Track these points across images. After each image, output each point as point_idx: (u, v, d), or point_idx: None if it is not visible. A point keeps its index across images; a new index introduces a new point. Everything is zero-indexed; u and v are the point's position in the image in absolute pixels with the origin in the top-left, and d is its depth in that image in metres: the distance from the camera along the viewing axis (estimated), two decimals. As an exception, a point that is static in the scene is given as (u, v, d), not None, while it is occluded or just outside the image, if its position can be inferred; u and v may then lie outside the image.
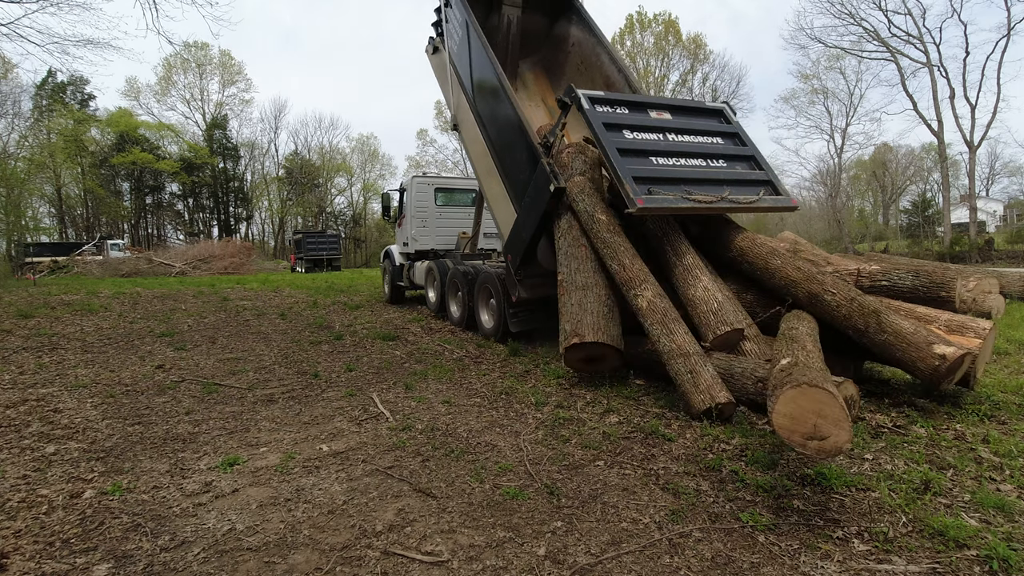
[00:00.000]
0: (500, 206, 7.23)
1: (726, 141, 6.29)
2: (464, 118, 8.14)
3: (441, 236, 10.82)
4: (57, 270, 24.12)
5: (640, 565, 2.38)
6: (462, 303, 8.45)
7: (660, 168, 5.59)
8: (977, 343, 4.34)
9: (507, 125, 6.81)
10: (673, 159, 5.76)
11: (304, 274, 27.97)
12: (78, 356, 6.86)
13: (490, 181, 7.46)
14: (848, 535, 2.57)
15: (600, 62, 8.31)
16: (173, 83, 46.36)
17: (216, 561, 2.46)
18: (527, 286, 6.64)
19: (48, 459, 3.66)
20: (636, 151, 5.61)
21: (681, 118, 6.26)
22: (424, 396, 5.05)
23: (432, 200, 10.93)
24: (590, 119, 5.61)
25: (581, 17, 8.59)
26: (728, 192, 5.57)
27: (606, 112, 5.80)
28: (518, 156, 6.59)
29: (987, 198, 47.18)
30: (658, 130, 5.97)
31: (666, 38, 39.54)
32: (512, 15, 8.57)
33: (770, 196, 5.85)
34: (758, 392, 4.17)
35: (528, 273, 6.65)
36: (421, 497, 3.06)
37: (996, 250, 23.72)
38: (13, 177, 26.66)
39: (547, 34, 9.11)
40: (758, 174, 6.05)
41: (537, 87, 9.19)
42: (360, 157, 54.67)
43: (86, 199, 42.96)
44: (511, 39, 8.74)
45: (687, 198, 5.32)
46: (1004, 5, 23.30)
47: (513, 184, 6.80)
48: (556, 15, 8.96)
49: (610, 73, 8.13)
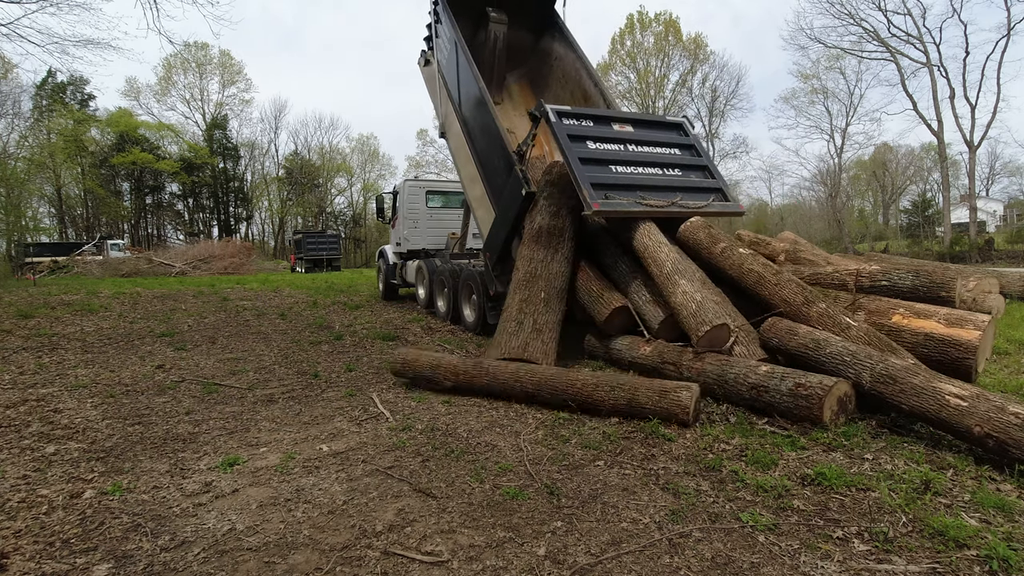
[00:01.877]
0: (481, 208, 7.76)
1: (683, 152, 6.81)
2: (451, 127, 8.74)
3: (432, 237, 11.39)
4: (57, 270, 24.11)
5: (640, 565, 2.38)
6: (448, 299, 9.02)
7: (618, 176, 6.10)
8: (976, 335, 4.37)
9: (488, 135, 7.31)
10: (631, 168, 6.26)
11: (304, 274, 27.98)
12: (78, 356, 6.86)
13: (473, 185, 8.01)
14: (848, 535, 2.57)
15: (579, 76, 8.86)
16: (173, 83, 46.40)
17: (216, 561, 2.46)
18: (503, 282, 7.07)
19: (48, 459, 3.66)
20: (597, 160, 6.09)
21: (642, 130, 6.79)
22: (424, 396, 5.05)
23: (423, 202, 11.58)
24: (555, 131, 6.08)
25: (563, 34, 9.15)
26: (680, 198, 6.14)
27: (572, 124, 6.28)
28: (497, 163, 7.10)
29: (987, 198, 47.18)
30: (619, 141, 6.47)
31: (666, 38, 39.55)
32: (498, 31, 9.12)
33: (719, 202, 6.39)
34: (753, 398, 4.22)
35: (504, 269, 7.13)
36: (421, 497, 3.06)
37: (996, 250, 23.71)
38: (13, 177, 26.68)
39: (532, 48, 9.69)
40: (710, 182, 6.58)
41: (522, 98, 9.78)
42: (360, 157, 54.73)
43: (86, 199, 42.97)
44: (497, 53, 9.30)
45: (640, 203, 5.86)
46: (1004, 5, 23.34)
47: (492, 188, 7.31)
48: (540, 31, 9.55)
49: (588, 87, 8.69)
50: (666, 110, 40.72)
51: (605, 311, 5.67)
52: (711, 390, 4.56)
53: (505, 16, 9.10)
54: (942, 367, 4.30)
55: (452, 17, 8.19)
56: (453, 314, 8.87)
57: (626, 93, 41.16)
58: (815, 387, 3.88)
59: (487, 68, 9.20)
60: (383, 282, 12.85)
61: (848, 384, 3.98)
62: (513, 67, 9.79)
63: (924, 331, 4.59)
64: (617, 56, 41.03)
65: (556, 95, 9.19)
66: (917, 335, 4.61)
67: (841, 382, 3.93)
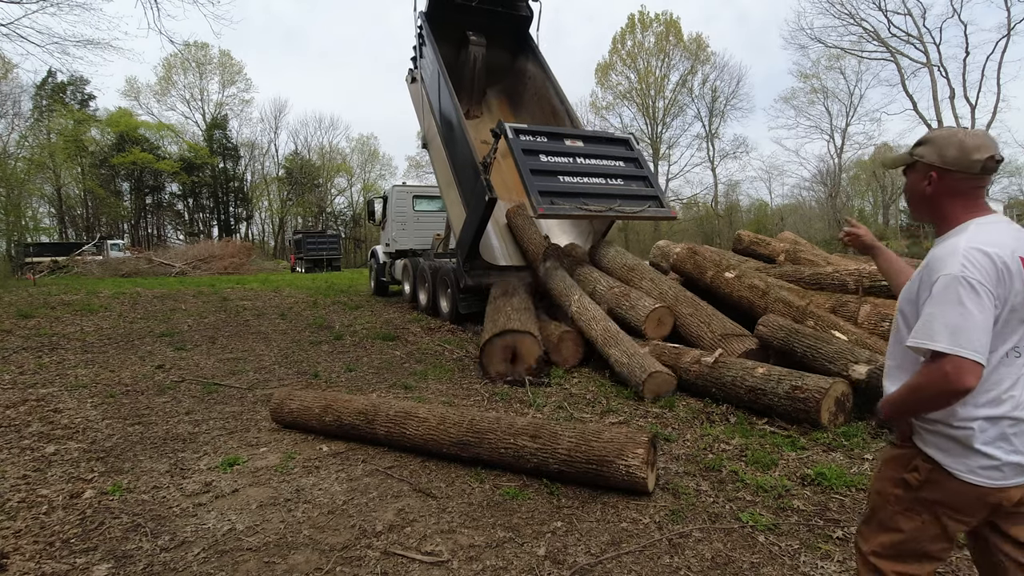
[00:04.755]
0: (455, 211, 8.68)
1: (627, 164, 7.57)
2: (432, 139, 9.81)
3: (418, 237, 12.26)
4: (57, 270, 24.06)
5: (640, 565, 2.38)
6: (428, 293, 10.00)
7: (564, 184, 6.83)
8: None
9: (461, 148, 8.24)
10: (577, 177, 7.00)
11: (304, 274, 27.99)
12: (78, 356, 6.86)
13: (449, 191, 8.95)
14: (848, 535, 2.57)
15: (549, 95, 9.89)
16: (173, 83, 46.31)
17: (216, 561, 2.46)
18: (472, 276, 8.06)
19: (48, 459, 3.66)
20: (547, 171, 6.84)
21: (591, 145, 7.58)
22: (424, 396, 5.05)
23: (411, 206, 12.51)
24: (511, 146, 6.87)
25: (535, 56, 10.20)
26: (619, 204, 6.91)
27: (527, 140, 7.07)
28: (468, 172, 7.95)
29: (987, 198, 47.15)
30: (569, 155, 7.22)
31: (667, 38, 39.53)
32: (478, 53, 10.05)
33: (653, 208, 7.20)
34: (751, 401, 4.25)
35: (473, 266, 8.10)
36: (421, 497, 3.06)
37: (996, 250, 23.69)
38: (13, 177, 26.68)
39: (510, 67, 10.79)
40: (647, 191, 7.34)
41: (500, 112, 10.81)
42: (360, 157, 54.64)
43: (86, 199, 42.92)
44: (477, 72, 10.26)
45: (580, 208, 6.61)
46: (1004, 5, 23.33)
47: (464, 193, 8.19)
48: (516, 52, 10.62)
49: (556, 105, 9.72)
50: (666, 110, 40.73)
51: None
52: (710, 392, 4.57)
53: (484, 39, 10.05)
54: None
55: (435, 45, 9.10)
56: (432, 306, 9.78)
57: (626, 93, 41.20)
58: (812, 390, 3.88)
59: (468, 85, 10.32)
60: (374, 280, 14.07)
61: (845, 384, 3.98)
62: (493, 83, 10.83)
63: None
64: (618, 56, 41.03)
65: (530, 110, 10.35)
66: None
67: (838, 382, 3.93)
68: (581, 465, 3.03)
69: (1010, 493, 1.38)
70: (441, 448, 3.47)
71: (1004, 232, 1.40)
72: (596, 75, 42.40)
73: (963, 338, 1.27)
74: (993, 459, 1.35)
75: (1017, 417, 1.36)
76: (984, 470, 1.36)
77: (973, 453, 1.36)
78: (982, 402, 1.35)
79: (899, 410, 1.48)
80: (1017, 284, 1.32)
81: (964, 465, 1.37)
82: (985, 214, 1.46)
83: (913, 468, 1.46)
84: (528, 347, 5.55)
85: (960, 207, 1.47)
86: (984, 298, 1.29)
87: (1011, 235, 1.39)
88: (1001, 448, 1.35)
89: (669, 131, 41.56)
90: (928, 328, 1.32)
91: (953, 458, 1.39)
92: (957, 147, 1.43)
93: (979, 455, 1.36)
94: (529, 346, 5.55)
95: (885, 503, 1.54)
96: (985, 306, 1.29)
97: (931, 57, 25.40)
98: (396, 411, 3.73)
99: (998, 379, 1.36)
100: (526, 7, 10.25)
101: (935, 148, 1.46)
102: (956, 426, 1.37)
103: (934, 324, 1.31)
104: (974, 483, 1.37)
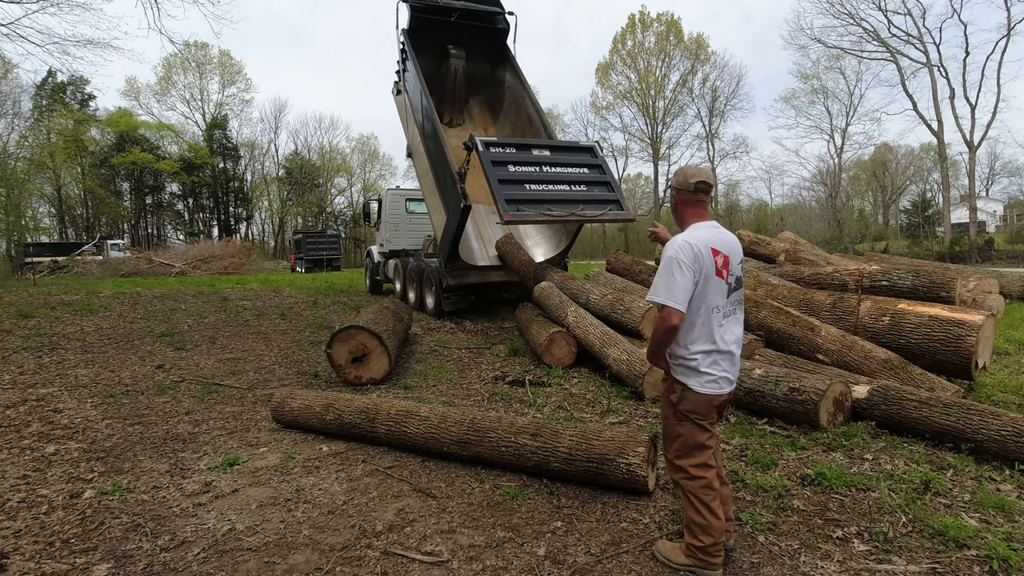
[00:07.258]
0: (437, 215, 9.25)
1: (591, 171, 7.95)
2: (416, 148, 10.43)
3: (410, 239, 12.81)
4: (57, 270, 24.05)
5: (640, 565, 2.38)
6: (416, 290, 10.62)
7: (530, 192, 7.23)
8: (981, 317, 4.41)
9: (440, 158, 8.70)
10: (543, 185, 7.40)
11: (304, 274, 27.96)
12: (78, 356, 6.85)
13: (432, 196, 9.49)
14: (848, 535, 2.57)
15: (525, 104, 10.38)
16: (173, 83, 46.29)
17: (216, 561, 2.46)
18: (453, 276, 8.76)
19: (48, 459, 3.66)
20: (514, 180, 7.23)
21: (558, 154, 7.97)
22: (424, 396, 5.05)
23: (403, 209, 13.05)
24: (481, 159, 7.25)
25: (513, 67, 10.68)
26: (581, 208, 7.34)
27: (496, 152, 7.46)
28: (447, 180, 8.39)
29: (987, 198, 47.11)
30: (536, 164, 7.60)
31: (667, 38, 39.53)
32: (458, 65, 10.60)
33: (613, 211, 7.60)
34: (750, 402, 4.27)
35: (454, 267, 8.74)
36: (421, 497, 3.06)
37: (996, 250, 23.66)
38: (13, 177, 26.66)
39: (490, 77, 11.25)
40: (609, 195, 7.72)
41: (481, 120, 11.47)
42: (360, 157, 54.66)
43: (86, 199, 42.90)
44: (458, 82, 10.80)
45: (544, 214, 7.02)
46: (1004, 5, 23.27)
47: (444, 199, 8.68)
48: (495, 63, 11.09)
49: (531, 114, 10.20)
50: (666, 110, 40.74)
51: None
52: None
53: (464, 52, 10.57)
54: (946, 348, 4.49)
55: (416, 62, 9.60)
56: (419, 303, 10.33)
57: (627, 93, 41.19)
58: (809, 392, 3.87)
59: (450, 95, 10.87)
60: (369, 278, 14.73)
61: (843, 384, 3.98)
62: (474, 93, 11.35)
63: (929, 314, 4.74)
64: (618, 55, 41.05)
65: (509, 118, 10.90)
66: (921, 316, 4.74)
67: (836, 383, 3.93)
68: (582, 464, 3.03)
69: (723, 398, 2.26)
70: (442, 447, 3.47)
71: (706, 231, 2.21)
72: (596, 75, 42.49)
73: (672, 295, 2.08)
74: (711, 375, 2.19)
75: (720, 349, 2.20)
76: (709, 383, 2.19)
77: (701, 375, 2.19)
78: (700, 342, 2.18)
79: (651, 350, 2.27)
80: (707, 262, 2.13)
81: (697, 382, 2.19)
82: (703, 220, 2.27)
83: (673, 391, 2.26)
84: (377, 357, 5.46)
85: (689, 214, 2.30)
86: (686, 271, 2.09)
87: (710, 233, 2.21)
88: (715, 368, 2.20)
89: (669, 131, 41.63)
90: (655, 288, 2.15)
91: (691, 379, 2.20)
92: (682, 175, 2.30)
93: (704, 375, 2.19)
94: (378, 356, 5.46)
95: (667, 419, 2.32)
96: (686, 276, 2.09)
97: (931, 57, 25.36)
98: (397, 410, 3.75)
99: (708, 327, 2.17)
100: (503, 20, 10.73)
101: (676, 176, 2.35)
102: (689, 359, 2.19)
103: (658, 286, 2.13)
104: (705, 393, 2.19)
